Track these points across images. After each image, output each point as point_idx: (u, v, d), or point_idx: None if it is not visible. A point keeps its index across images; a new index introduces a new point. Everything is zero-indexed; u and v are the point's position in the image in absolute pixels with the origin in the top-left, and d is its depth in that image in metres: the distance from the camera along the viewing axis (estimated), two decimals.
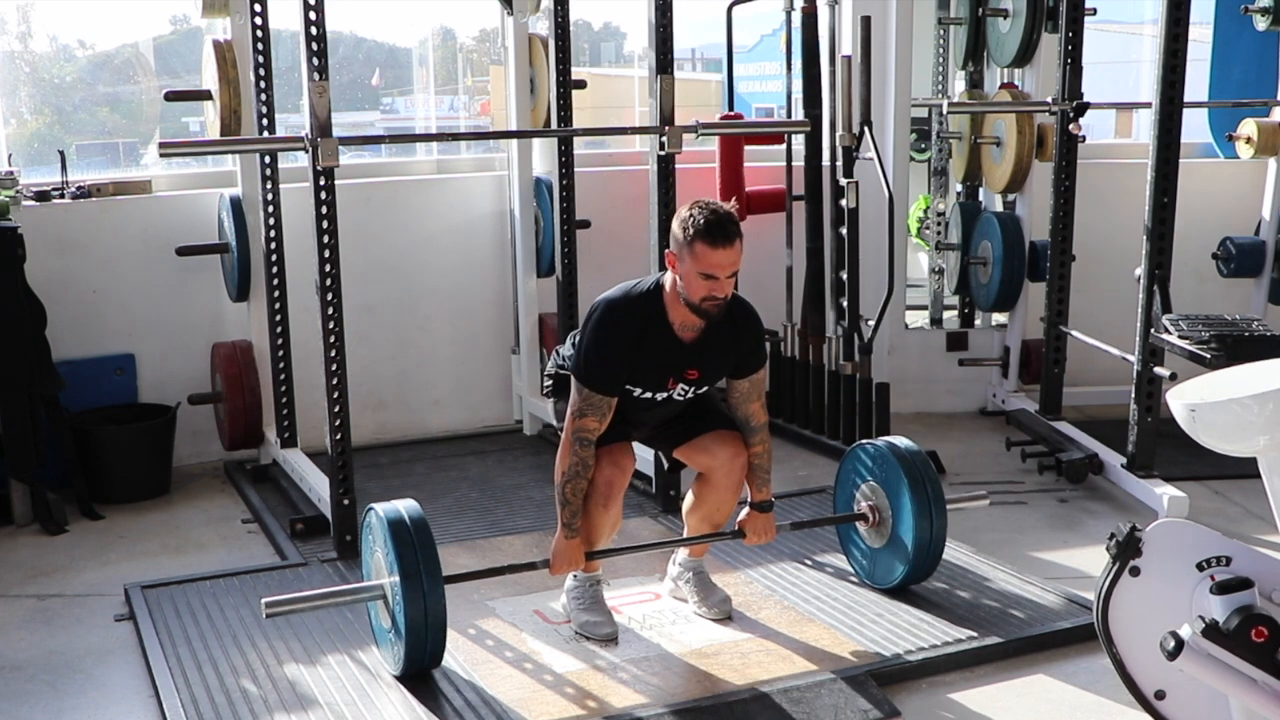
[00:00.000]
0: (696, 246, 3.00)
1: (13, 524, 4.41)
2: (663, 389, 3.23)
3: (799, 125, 5.05)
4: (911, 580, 3.56)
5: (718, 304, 3.06)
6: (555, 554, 3.24)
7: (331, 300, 3.82)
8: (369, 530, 3.17)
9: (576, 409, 3.16)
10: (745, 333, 3.25)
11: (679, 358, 3.18)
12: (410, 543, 2.99)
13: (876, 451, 3.57)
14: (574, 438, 3.16)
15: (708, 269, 3.01)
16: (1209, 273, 5.70)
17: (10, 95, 5.69)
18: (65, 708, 3.12)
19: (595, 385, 3.14)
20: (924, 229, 6.43)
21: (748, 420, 3.33)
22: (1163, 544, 2.40)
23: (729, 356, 3.25)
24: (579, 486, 3.18)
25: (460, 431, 5.49)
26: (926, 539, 3.46)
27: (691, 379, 3.23)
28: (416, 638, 2.98)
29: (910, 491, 3.45)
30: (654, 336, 3.14)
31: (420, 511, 3.07)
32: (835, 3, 5.24)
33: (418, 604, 2.95)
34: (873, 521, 3.58)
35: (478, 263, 5.57)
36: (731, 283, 3.07)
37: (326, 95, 3.69)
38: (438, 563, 2.99)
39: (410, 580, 2.95)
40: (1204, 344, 3.82)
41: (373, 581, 3.15)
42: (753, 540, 3.43)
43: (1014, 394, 5.57)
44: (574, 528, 3.21)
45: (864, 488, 3.62)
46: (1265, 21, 5.26)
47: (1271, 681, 2.27)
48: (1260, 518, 4.31)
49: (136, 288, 5.01)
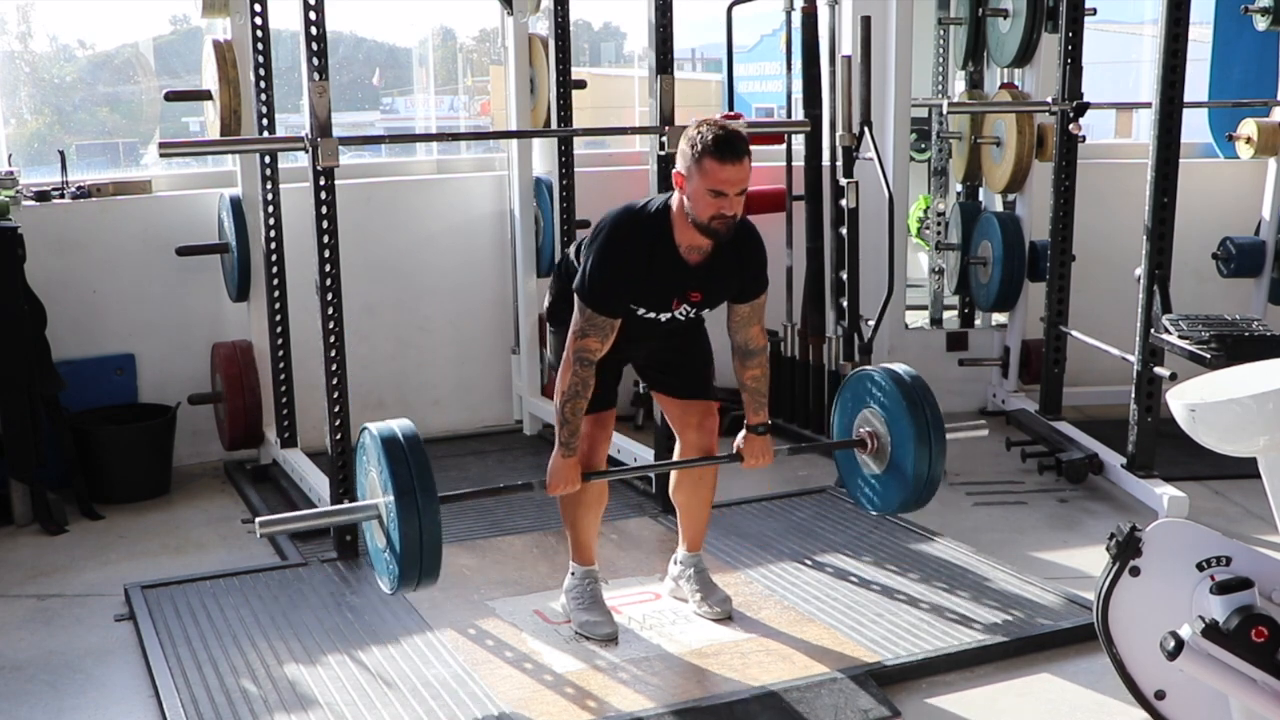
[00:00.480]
0: (705, 163, 2.95)
1: (13, 524, 4.41)
2: (666, 309, 3.18)
3: (799, 125, 5.05)
4: (910, 505, 3.47)
5: (726, 222, 3.01)
6: (552, 472, 3.20)
7: (331, 300, 3.82)
8: (363, 451, 3.08)
9: (579, 329, 3.12)
10: (750, 257, 3.21)
11: (683, 280, 3.14)
12: (405, 460, 2.90)
13: (875, 378, 3.49)
14: (575, 357, 3.12)
15: (716, 185, 2.96)
16: (1209, 273, 5.70)
17: (10, 95, 5.69)
18: (65, 708, 3.12)
19: (599, 307, 3.10)
20: (924, 229, 6.43)
21: (746, 344, 3.31)
22: (1163, 544, 2.40)
23: (733, 281, 3.21)
24: (579, 406, 3.14)
25: (460, 431, 5.49)
26: (925, 463, 3.37)
27: (694, 301, 3.19)
28: (411, 553, 2.89)
29: (909, 415, 3.37)
30: (660, 258, 3.10)
31: (414, 429, 2.99)
32: (835, 3, 5.24)
33: (412, 521, 2.86)
34: (871, 448, 3.50)
35: (478, 263, 5.56)
36: (740, 201, 3.00)
37: (326, 95, 3.69)
38: (432, 479, 2.91)
39: (405, 498, 2.86)
40: (1204, 344, 3.82)
41: (368, 501, 3.07)
42: (750, 463, 3.39)
43: (1014, 394, 5.57)
44: (571, 447, 3.17)
45: (864, 414, 3.53)
46: (1265, 21, 5.26)
47: (1271, 681, 2.27)
48: (1260, 518, 4.31)
49: (136, 288, 5.01)
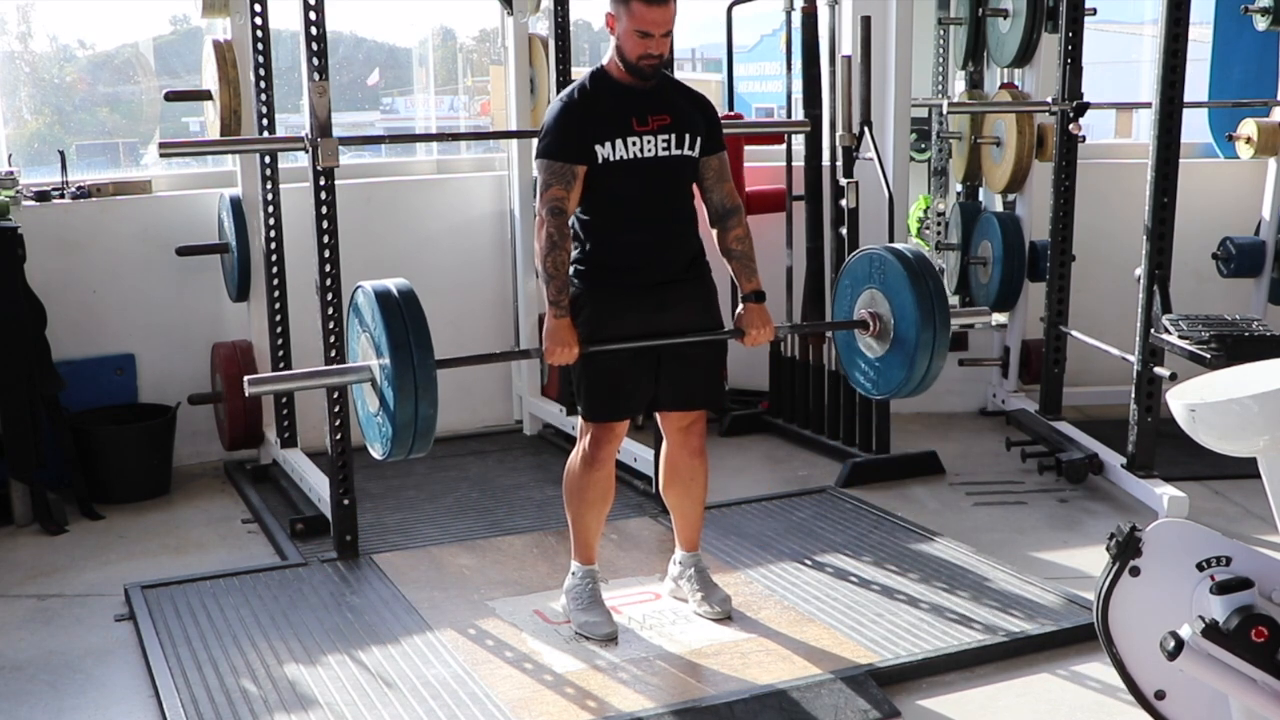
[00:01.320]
0: (633, 5, 3.08)
1: (13, 524, 4.41)
2: (632, 133, 3.17)
3: (799, 125, 5.05)
4: (912, 386, 3.37)
5: (653, 63, 3.14)
6: (547, 335, 3.17)
7: (331, 300, 3.83)
8: (356, 312, 3.02)
9: (543, 182, 3.15)
10: (699, 98, 3.32)
11: (637, 103, 3.19)
12: (399, 314, 2.85)
13: (876, 255, 3.41)
14: (545, 210, 3.13)
15: (643, 26, 3.08)
16: (1209, 273, 5.69)
17: (10, 95, 5.68)
18: (65, 708, 3.12)
19: (557, 153, 3.14)
20: (924, 229, 6.43)
21: (723, 203, 3.32)
22: (1163, 544, 2.40)
23: (694, 113, 3.26)
24: (559, 259, 3.13)
25: (460, 431, 5.49)
26: (930, 336, 3.27)
27: (664, 124, 3.20)
28: (405, 413, 2.83)
29: (912, 289, 3.27)
30: (604, 93, 3.19)
31: (410, 286, 2.93)
32: (835, 3, 5.24)
33: (407, 376, 2.79)
34: (874, 329, 3.41)
35: (478, 263, 5.56)
36: (667, 43, 3.15)
37: (326, 95, 3.69)
38: (428, 334, 2.86)
39: (400, 351, 2.80)
40: (1204, 344, 3.82)
41: (360, 363, 3.02)
42: (753, 338, 3.35)
43: (1014, 394, 5.57)
44: (562, 306, 3.15)
45: (865, 294, 3.45)
46: (1265, 21, 5.26)
47: (1271, 681, 2.27)
48: (1260, 518, 4.31)
49: (136, 288, 5.01)
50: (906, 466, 4.87)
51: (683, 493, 3.50)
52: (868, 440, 4.97)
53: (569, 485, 3.40)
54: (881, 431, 4.94)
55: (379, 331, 2.87)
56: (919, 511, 4.43)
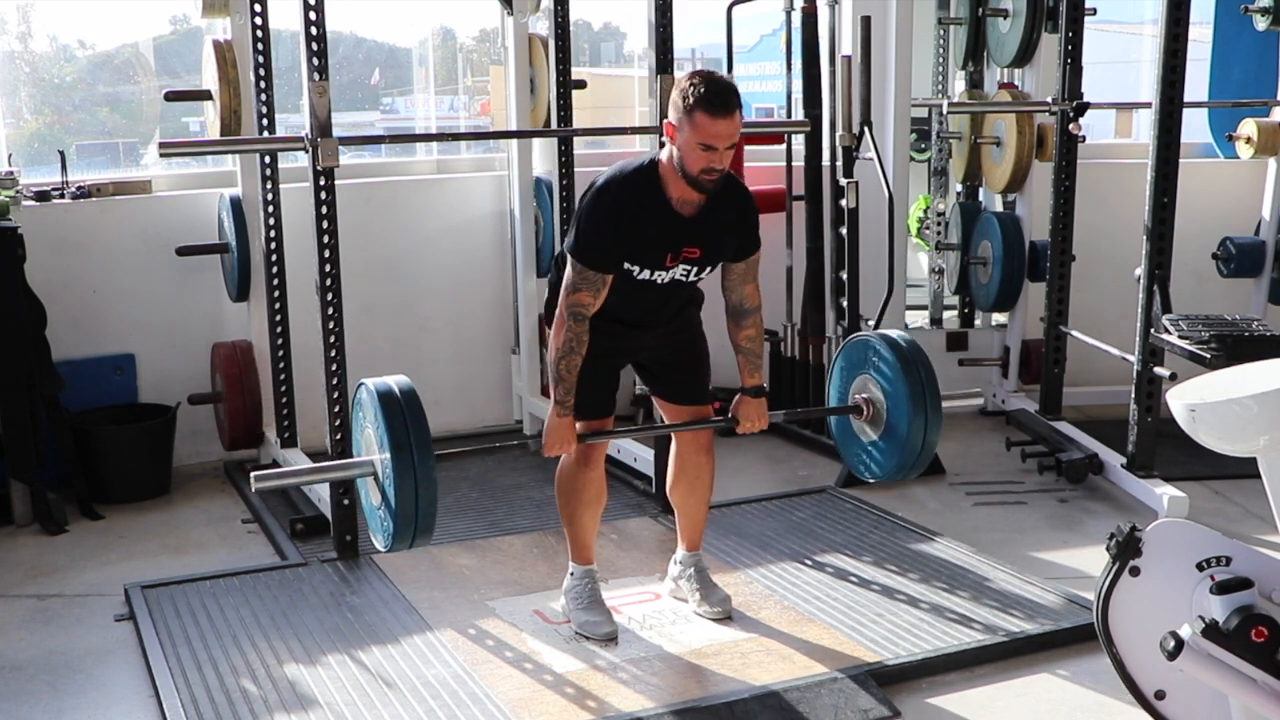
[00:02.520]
0: (696, 116, 2.94)
1: (13, 524, 4.41)
2: (662, 267, 3.14)
3: (799, 125, 5.05)
4: (907, 470, 3.44)
5: (714, 177, 3.00)
6: (548, 432, 3.19)
7: (331, 300, 3.83)
8: (359, 407, 3.07)
9: (571, 284, 3.11)
10: (744, 212, 3.21)
11: (678, 233, 3.12)
12: (401, 415, 2.89)
13: (871, 344, 3.48)
14: (568, 313, 3.11)
15: (707, 139, 2.94)
16: (1209, 273, 5.70)
17: (10, 95, 5.68)
18: (65, 708, 3.12)
19: (591, 262, 3.09)
20: (924, 229, 6.43)
21: (741, 303, 3.30)
22: (1163, 544, 2.40)
23: (729, 236, 3.20)
24: (573, 363, 3.14)
25: (460, 431, 5.49)
26: (921, 426, 3.35)
27: (692, 257, 3.16)
28: (406, 509, 2.88)
29: (905, 382, 3.35)
30: (651, 211, 3.09)
31: (411, 385, 2.97)
32: (835, 3, 5.24)
33: (408, 475, 2.85)
34: (867, 414, 3.48)
35: (478, 263, 5.56)
36: (730, 155, 3.00)
37: (326, 95, 3.69)
38: (428, 434, 2.90)
39: (400, 451, 2.86)
40: (1204, 344, 3.82)
41: (363, 458, 3.07)
42: (746, 427, 3.38)
43: (1014, 394, 5.57)
44: (567, 405, 3.16)
45: (859, 380, 3.52)
46: (1265, 21, 5.26)
47: (1271, 681, 2.27)
48: (1260, 518, 4.31)
49: (136, 288, 5.01)
50: None
51: (688, 490, 3.50)
52: None
53: (562, 487, 3.40)
54: None
55: (381, 432, 2.93)
56: (919, 511, 4.43)
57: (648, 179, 3.09)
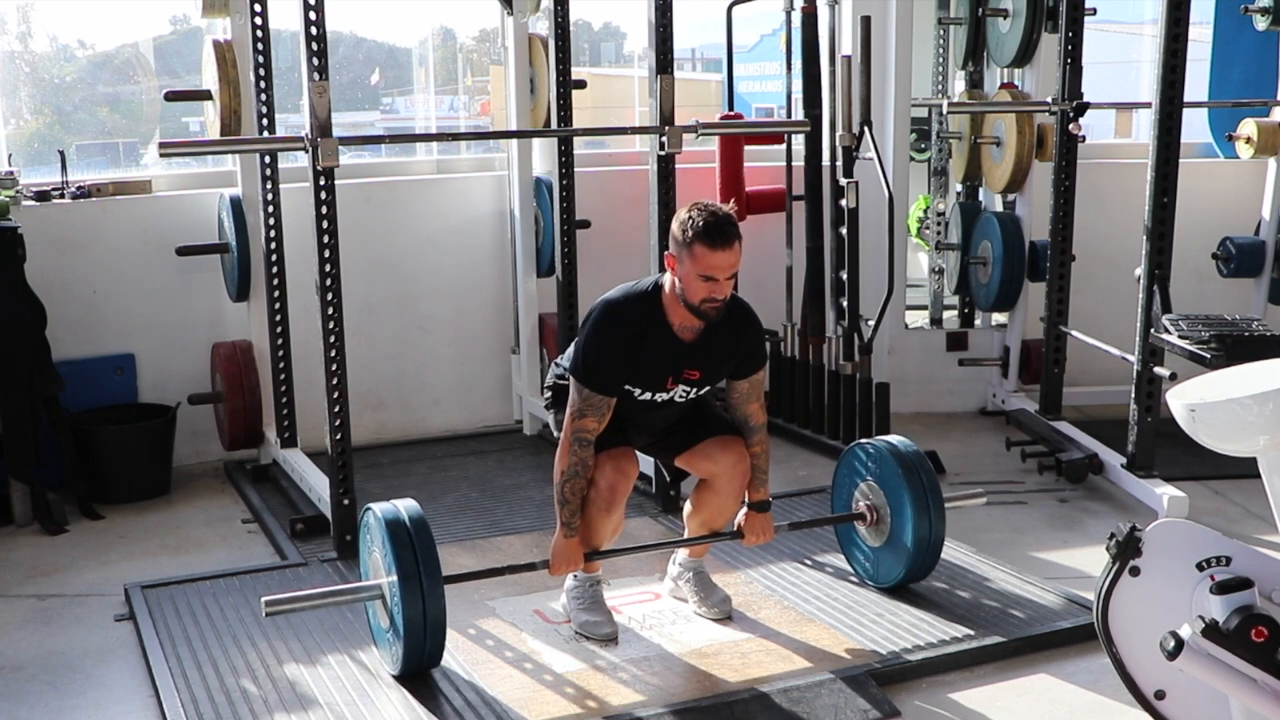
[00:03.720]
0: (696, 248, 3.00)
1: (13, 524, 4.41)
2: (662, 389, 3.22)
3: (799, 125, 5.04)
4: (911, 579, 3.57)
5: (716, 306, 3.07)
6: (555, 554, 3.24)
7: (331, 300, 3.83)
8: (367, 530, 3.16)
9: (575, 409, 3.16)
10: (745, 334, 3.26)
11: (678, 358, 3.18)
12: (409, 544, 2.97)
13: (874, 450, 3.57)
14: (573, 438, 3.16)
15: (707, 270, 3.01)
16: (1209, 273, 5.70)
17: (10, 95, 5.68)
18: (65, 708, 3.12)
19: (594, 385, 3.14)
20: (924, 229, 6.43)
21: (746, 421, 3.34)
22: (1163, 544, 2.40)
23: (729, 358, 3.25)
24: (577, 486, 3.18)
25: (460, 431, 5.49)
26: (925, 537, 3.46)
27: (692, 379, 3.23)
28: (415, 638, 2.98)
29: (908, 490, 3.45)
30: (653, 336, 3.14)
31: (419, 511, 3.06)
32: (835, 3, 5.24)
33: (416, 605, 2.94)
34: (871, 520, 3.58)
35: (478, 263, 5.57)
36: (730, 285, 3.08)
37: (326, 95, 3.69)
38: (437, 564, 2.98)
39: (408, 582, 2.94)
40: (1204, 344, 3.82)
41: (371, 581, 3.15)
42: (751, 541, 3.43)
43: (1014, 394, 5.57)
44: (573, 527, 3.21)
45: (862, 486, 3.62)
46: (1265, 21, 5.26)
47: (1271, 681, 2.27)
48: (1260, 518, 4.31)
49: (136, 288, 5.01)
50: None
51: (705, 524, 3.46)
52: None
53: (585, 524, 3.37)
54: (881, 432, 4.94)
55: (389, 560, 2.99)
56: None
57: (650, 304, 3.15)
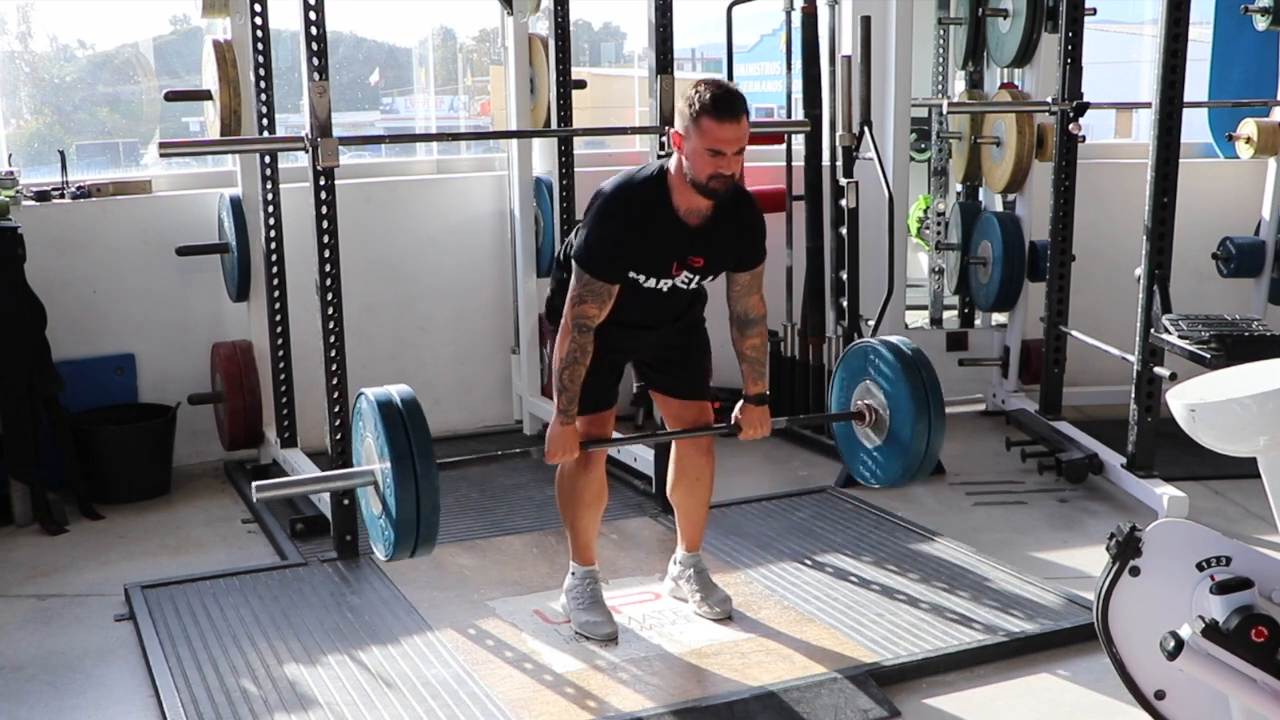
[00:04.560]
0: (703, 122, 2.95)
1: (13, 524, 4.41)
2: (666, 275, 3.16)
3: (799, 125, 5.05)
4: (910, 475, 3.46)
5: (724, 182, 3.00)
6: (550, 439, 3.20)
7: (331, 300, 3.83)
8: (359, 416, 3.05)
9: (577, 295, 3.12)
10: (748, 222, 3.22)
11: (683, 243, 3.13)
12: (401, 425, 2.87)
13: (874, 349, 3.48)
14: (573, 324, 3.12)
15: (715, 145, 2.95)
16: (1209, 273, 5.70)
17: (10, 95, 5.68)
18: (65, 708, 3.12)
19: (597, 271, 3.09)
20: (924, 229, 6.43)
21: (746, 313, 3.31)
22: (1163, 544, 2.40)
23: (733, 245, 3.21)
24: (576, 373, 3.15)
25: (460, 431, 5.49)
26: (924, 432, 3.36)
27: (696, 266, 3.17)
28: (407, 520, 2.86)
29: (908, 384, 3.36)
30: (658, 220, 3.10)
31: (412, 394, 2.96)
32: (835, 3, 5.24)
33: (409, 485, 2.83)
34: (870, 420, 3.49)
35: (478, 263, 5.56)
36: (739, 161, 3.00)
37: (326, 95, 3.69)
38: (430, 443, 2.88)
39: (402, 463, 2.83)
40: (1204, 344, 3.82)
41: (364, 467, 3.05)
42: (748, 434, 3.38)
43: (1014, 394, 5.57)
44: (570, 414, 3.17)
45: (862, 386, 3.52)
46: (1265, 21, 5.26)
47: (1271, 681, 2.27)
48: (1260, 518, 4.31)
49: (136, 288, 5.01)
50: None
51: (688, 491, 3.50)
52: None
53: (563, 489, 3.40)
54: None
55: (381, 442, 2.92)
56: (919, 511, 4.43)
57: (655, 188, 3.10)
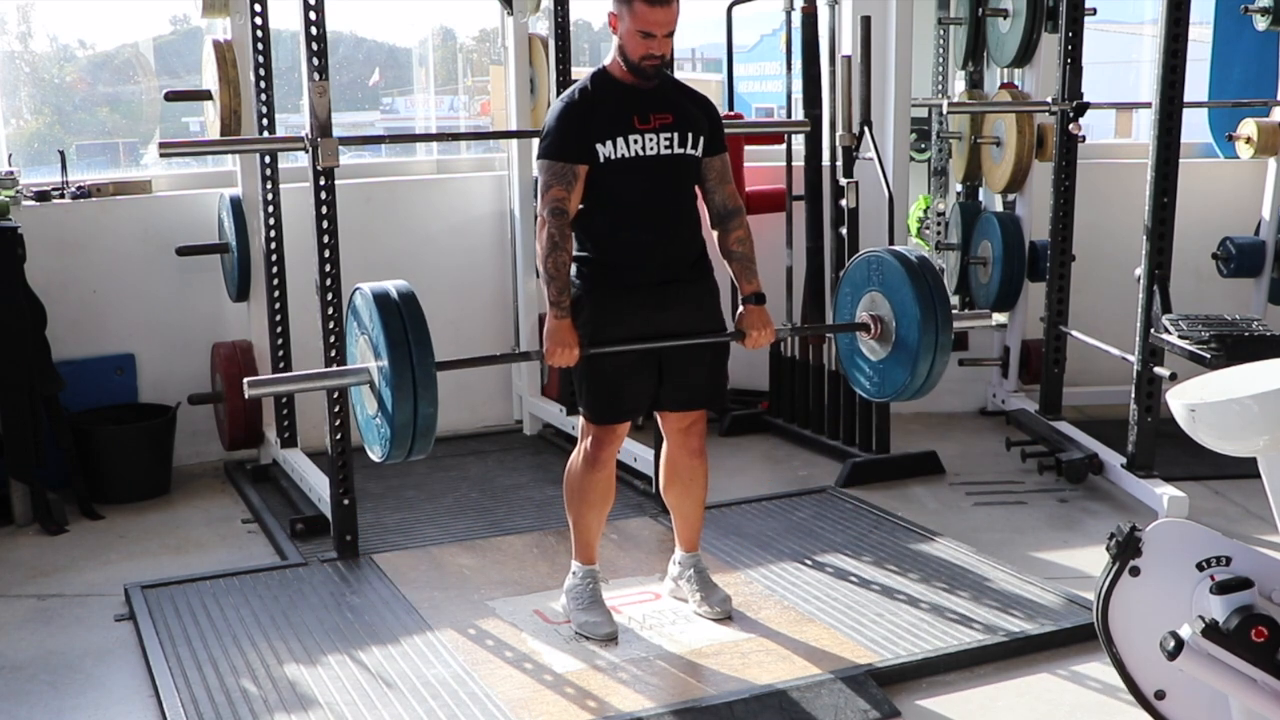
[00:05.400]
0: (636, 5, 3.08)
1: (13, 524, 4.41)
2: (633, 130, 3.17)
3: (799, 125, 5.05)
4: (916, 388, 3.34)
5: (655, 63, 3.14)
6: (547, 336, 3.16)
7: (331, 300, 3.83)
8: (354, 314, 2.99)
9: (544, 183, 3.15)
10: (702, 99, 3.32)
11: (640, 101, 3.19)
12: (398, 313, 2.82)
13: (878, 258, 3.39)
14: (546, 211, 3.13)
15: (645, 26, 3.08)
16: (1209, 273, 5.69)
17: (10, 95, 5.68)
18: (65, 708, 3.12)
19: (556, 151, 3.14)
20: (924, 229, 6.43)
21: (724, 204, 3.31)
22: (1163, 544, 2.40)
23: (697, 113, 3.26)
24: (560, 259, 3.13)
25: (460, 431, 5.49)
26: (931, 336, 3.25)
27: (666, 123, 3.20)
28: (404, 413, 2.80)
29: (913, 289, 3.25)
30: (606, 92, 3.20)
31: (409, 287, 2.91)
32: (835, 3, 5.24)
33: (405, 374, 2.77)
34: (875, 332, 3.39)
35: (478, 263, 5.57)
36: (669, 43, 3.16)
37: (326, 95, 3.69)
38: (427, 332, 2.83)
39: (397, 349, 2.78)
40: (1204, 344, 3.82)
41: (358, 365, 2.99)
42: (754, 339, 3.33)
43: (1014, 394, 5.57)
44: (563, 306, 3.15)
45: (866, 298, 3.43)
46: (1265, 21, 5.26)
47: (1271, 681, 2.27)
48: (1260, 518, 4.31)
49: (136, 288, 5.01)
50: (906, 466, 4.87)
51: (682, 493, 3.50)
52: (868, 440, 4.97)
53: (570, 486, 3.40)
54: (881, 431, 4.94)
55: (376, 332, 2.84)
56: (919, 511, 4.43)
57: (598, 74, 3.25)
